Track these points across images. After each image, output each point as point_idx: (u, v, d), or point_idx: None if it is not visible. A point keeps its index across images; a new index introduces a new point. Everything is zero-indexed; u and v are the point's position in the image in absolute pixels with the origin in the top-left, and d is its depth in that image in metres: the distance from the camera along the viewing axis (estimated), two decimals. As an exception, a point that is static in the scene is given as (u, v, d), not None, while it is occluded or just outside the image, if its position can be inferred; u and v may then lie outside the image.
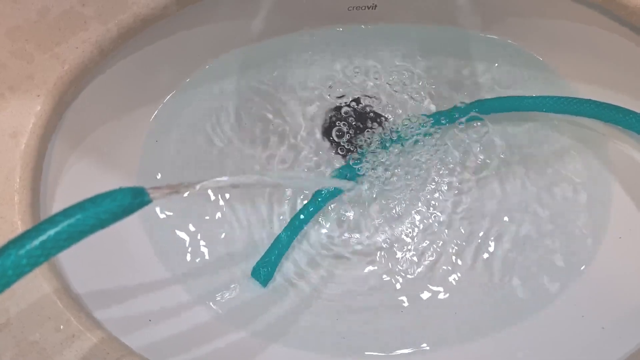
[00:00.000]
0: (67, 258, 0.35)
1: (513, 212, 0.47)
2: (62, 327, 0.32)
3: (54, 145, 0.38)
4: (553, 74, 0.50)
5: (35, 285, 0.32)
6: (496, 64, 0.51)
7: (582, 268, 0.44)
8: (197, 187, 0.28)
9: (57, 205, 0.38)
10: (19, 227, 0.34)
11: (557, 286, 0.43)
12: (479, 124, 0.49)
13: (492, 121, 0.49)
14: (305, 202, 0.47)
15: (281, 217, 0.47)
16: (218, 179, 0.30)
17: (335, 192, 0.46)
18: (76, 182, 0.39)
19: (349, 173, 0.47)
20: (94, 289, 0.36)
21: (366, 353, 0.41)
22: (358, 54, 0.51)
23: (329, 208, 0.48)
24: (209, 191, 0.46)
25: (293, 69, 0.50)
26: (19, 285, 0.31)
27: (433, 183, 0.48)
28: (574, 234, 0.46)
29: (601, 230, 0.45)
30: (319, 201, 0.46)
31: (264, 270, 0.44)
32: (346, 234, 0.47)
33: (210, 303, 0.42)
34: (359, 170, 0.47)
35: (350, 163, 0.48)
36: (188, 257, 0.44)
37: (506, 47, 0.50)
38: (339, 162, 0.49)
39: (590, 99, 0.46)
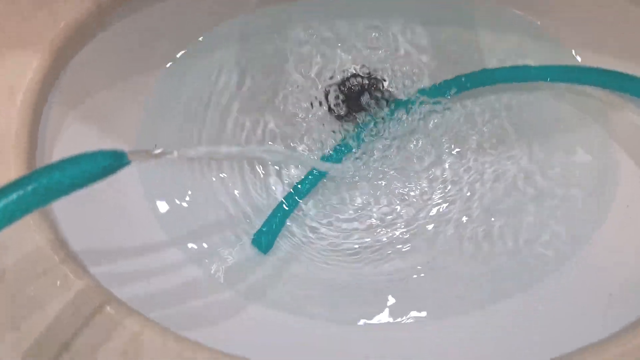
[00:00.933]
0: (64, 215, 0.35)
1: (517, 181, 0.46)
2: (58, 282, 0.31)
3: (52, 104, 0.37)
4: (555, 42, 0.49)
5: (29, 238, 0.32)
6: (499, 33, 0.50)
7: (588, 236, 0.43)
8: (175, 153, 0.29)
9: (54, 162, 0.37)
10: (15, 184, 0.33)
11: (564, 254, 0.43)
12: (479, 94, 0.49)
13: (495, 91, 0.49)
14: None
15: (286, 182, 0.46)
16: (197, 147, 0.31)
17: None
18: (74, 143, 0.39)
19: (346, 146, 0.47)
20: (90, 247, 0.35)
21: (358, 322, 0.41)
22: (360, 22, 0.50)
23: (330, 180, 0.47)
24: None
25: (293, 37, 0.50)
26: (13, 239, 0.31)
27: (435, 154, 0.48)
28: (580, 203, 0.45)
29: (608, 198, 0.44)
30: (320, 172, 0.46)
31: (265, 238, 0.44)
32: (345, 204, 0.46)
33: (206, 265, 0.41)
34: (362, 139, 0.47)
35: (350, 132, 0.47)
36: (187, 221, 0.43)
37: (509, 16, 0.49)
38: (337, 130, 0.48)
39: (595, 67, 0.46)
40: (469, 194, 0.46)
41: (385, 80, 0.50)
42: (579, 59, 0.48)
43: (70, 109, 0.39)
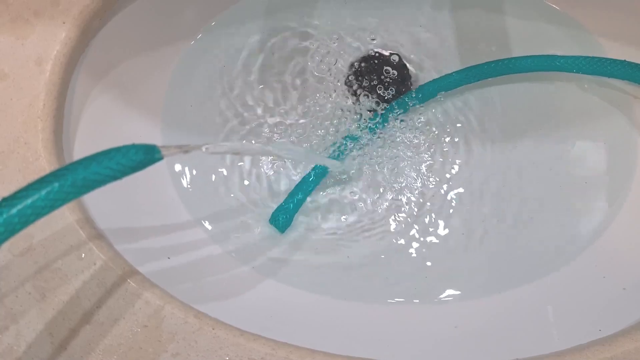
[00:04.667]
0: (92, 195, 0.35)
1: (536, 171, 0.46)
2: (83, 255, 0.32)
3: (79, 75, 0.37)
4: (583, 30, 0.48)
5: (59, 216, 0.32)
6: (526, 20, 0.49)
7: (604, 228, 0.43)
8: (204, 149, 0.30)
9: (80, 134, 0.37)
10: (42, 154, 0.34)
11: (579, 246, 0.43)
12: (502, 82, 0.48)
13: (518, 79, 0.48)
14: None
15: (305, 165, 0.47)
16: (223, 143, 0.32)
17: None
18: (99, 114, 0.39)
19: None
20: (116, 225, 0.36)
21: (370, 301, 0.41)
22: (388, 5, 0.50)
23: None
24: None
25: (317, 15, 0.49)
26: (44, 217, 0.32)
27: (452, 142, 0.48)
28: (597, 195, 0.45)
29: (624, 192, 0.44)
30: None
31: (283, 217, 0.44)
32: (361, 190, 0.47)
33: (225, 242, 0.42)
34: (376, 126, 0.47)
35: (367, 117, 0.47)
36: (210, 201, 0.44)
37: (537, 3, 0.49)
38: (354, 111, 0.48)
39: (624, 60, 0.45)
40: (490, 183, 0.46)
41: (408, 62, 0.49)
42: (603, 47, 0.47)
43: (97, 80, 0.39)
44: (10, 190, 0.32)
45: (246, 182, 0.46)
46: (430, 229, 0.45)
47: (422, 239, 0.44)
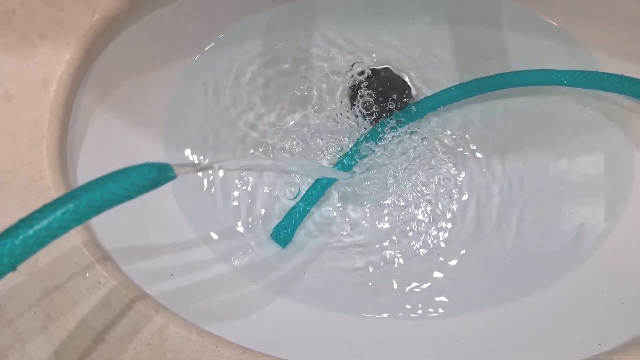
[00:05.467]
0: (99, 216, 0.35)
1: (533, 183, 0.47)
2: (87, 274, 0.32)
3: (83, 95, 0.38)
4: (579, 45, 0.49)
5: (67, 238, 0.33)
6: (523, 35, 0.50)
7: (602, 241, 0.44)
8: (216, 166, 0.30)
9: (84, 152, 0.38)
10: (47, 174, 0.34)
11: (577, 259, 0.43)
12: (502, 96, 0.49)
13: (516, 93, 0.49)
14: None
15: (309, 180, 0.47)
16: (235, 160, 0.33)
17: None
18: (103, 132, 0.40)
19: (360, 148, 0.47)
20: (121, 245, 0.36)
21: (372, 315, 0.42)
22: (384, 19, 0.50)
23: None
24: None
25: (318, 31, 0.50)
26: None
27: (452, 155, 0.48)
28: (595, 207, 0.45)
29: (621, 205, 0.45)
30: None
31: (284, 232, 0.44)
32: (364, 204, 0.47)
33: (230, 260, 0.42)
34: (379, 138, 0.47)
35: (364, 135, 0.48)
36: (211, 218, 0.44)
37: (534, 19, 0.49)
38: (355, 129, 0.49)
39: (620, 74, 0.45)
40: (488, 195, 0.46)
41: (407, 77, 0.50)
42: (600, 62, 0.48)
43: (100, 99, 0.40)
44: (15, 209, 0.33)
45: (249, 199, 0.46)
46: (434, 242, 0.45)
47: (431, 251, 0.45)
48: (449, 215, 0.46)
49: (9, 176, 0.34)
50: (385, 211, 0.46)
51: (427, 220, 0.46)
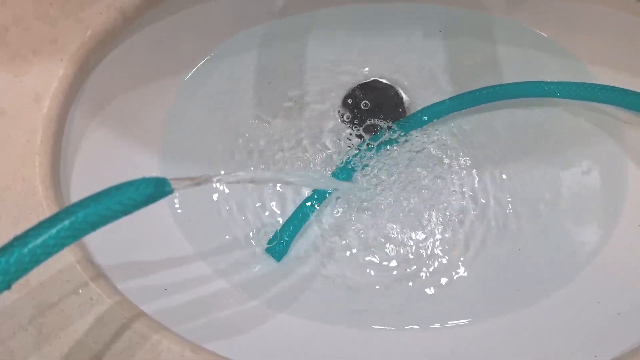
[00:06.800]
0: (93, 233, 0.35)
1: (527, 196, 0.47)
2: (80, 290, 0.32)
3: (76, 111, 0.38)
4: (571, 57, 0.49)
5: (60, 256, 0.32)
6: (516, 47, 0.50)
7: (597, 253, 0.44)
8: (215, 179, 0.30)
9: (77, 168, 0.38)
10: (39, 190, 0.34)
11: (572, 271, 0.43)
12: (493, 109, 0.49)
13: (509, 105, 0.49)
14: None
15: (306, 192, 0.47)
16: (234, 173, 0.32)
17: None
18: (96, 149, 0.39)
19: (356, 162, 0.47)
20: (115, 261, 0.36)
21: (374, 327, 0.42)
22: (378, 32, 0.50)
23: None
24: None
25: (313, 45, 0.50)
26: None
27: (448, 167, 0.48)
28: (589, 219, 0.45)
29: (615, 217, 0.45)
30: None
31: (279, 246, 0.44)
32: (359, 216, 0.47)
33: (226, 275, 0.42)
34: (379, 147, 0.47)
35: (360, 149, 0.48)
36: (207, 233, 0.44)
37: (526, 32, 0.49)
38: (352, 141, 0.49)
39: (613, 86, 0.46)
40: (483, 208, 0.47)
41: (401, 89, 0.50)
42: (592, 74, 0.48)
43: (94, 115, 0.40)
44: (7, 226, 0.33)
45: (247, 213, 0.46)
46: (431, 254, 0.45)
47: (427, 264, 0.45)
48: (445, 228, 0.46)
49: (1, 192, 0.34)
50: (385, 221, 0.46)
51: (424, 234, 0.46)
